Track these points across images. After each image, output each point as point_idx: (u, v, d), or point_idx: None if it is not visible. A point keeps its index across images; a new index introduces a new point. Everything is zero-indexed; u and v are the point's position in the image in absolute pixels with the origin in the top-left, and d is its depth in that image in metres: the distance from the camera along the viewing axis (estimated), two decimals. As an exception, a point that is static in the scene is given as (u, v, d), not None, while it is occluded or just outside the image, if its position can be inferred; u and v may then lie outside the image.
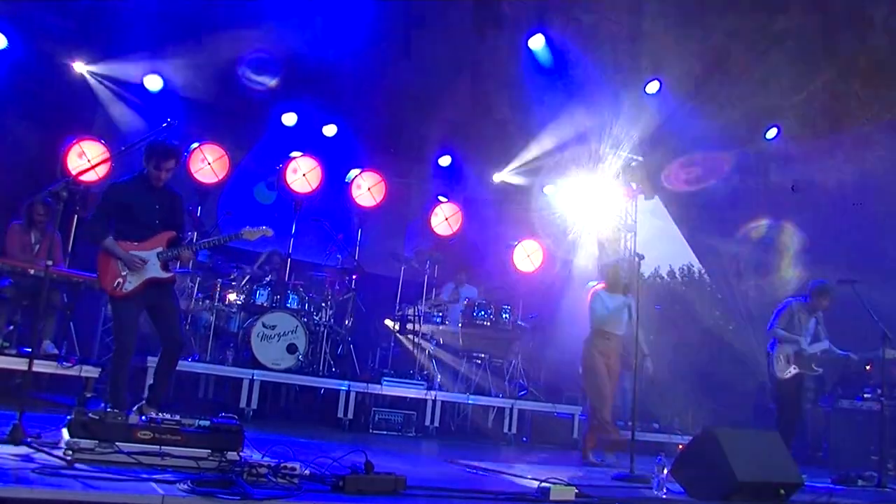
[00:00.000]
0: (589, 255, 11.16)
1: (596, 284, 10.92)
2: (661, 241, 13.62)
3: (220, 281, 8.06)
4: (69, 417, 3.30)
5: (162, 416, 3.52)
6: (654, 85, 9.88)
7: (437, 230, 10.37)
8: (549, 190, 11.80)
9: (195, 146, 8.66)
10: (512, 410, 8.60)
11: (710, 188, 11.30)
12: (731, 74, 9.30)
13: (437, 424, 8.05)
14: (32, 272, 6.16)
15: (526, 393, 9.29)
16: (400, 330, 9.10)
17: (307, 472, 3.39)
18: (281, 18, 8.58)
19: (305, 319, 7.97)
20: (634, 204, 13.06)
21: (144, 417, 3.50)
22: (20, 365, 5.81)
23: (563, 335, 10.72)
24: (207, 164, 8.67)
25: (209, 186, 8.80)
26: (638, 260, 6.24)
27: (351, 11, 8.48)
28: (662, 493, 4.40)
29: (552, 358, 10.52)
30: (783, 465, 4.63)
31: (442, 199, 10.67)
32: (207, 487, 2.83)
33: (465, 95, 10.02)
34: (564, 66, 9.41)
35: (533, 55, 9.23)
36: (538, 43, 9.09)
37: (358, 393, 7.74)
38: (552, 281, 10.89)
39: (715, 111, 10.13)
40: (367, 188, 9.83)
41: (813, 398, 9.60)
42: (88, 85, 8.99)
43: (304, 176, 9.30)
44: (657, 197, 12.83)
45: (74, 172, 7.62)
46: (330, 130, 10.34)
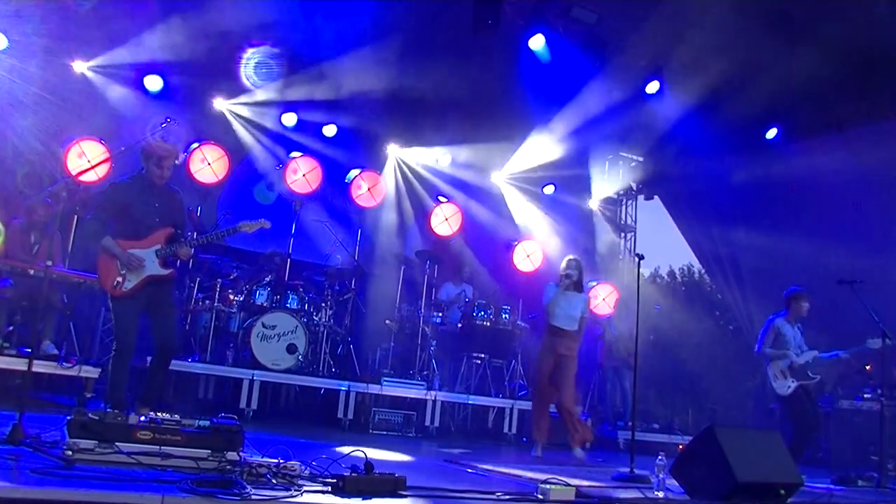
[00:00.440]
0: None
1: (595, 284, 10.98)
2: (661, 241, 13.63)
3: (220, 281, 8.05)
4: (69, 417, 3.30)
5: (162, 416, 3.52)
6: (654, 85, 9.88)
7: (437, 230, 10.37)
8: (548, 190, 11.82)
9: (195, 146, 8.65)
10: (512, 410, 8.61)
11: (710, 188, 11.31)
12: (731, 74, 9.29)
13: (437, 424, 8.05)
14: (32, 272, 6.16)
15: (526, 393, 9.29)
16: (399, 330, 9.11)
17: (307, 472, 3.39)
18: (282, 18, 8.59)
19: (305, 319, 7.97)
20: (634, 204, 13.09)
21: (144, 418, 3.50)
22: (20, 365, 5.81)
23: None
24: (207, 164, 8.66)
25: (209, 186, 8.80)
26: (638, 260, 6.24)
27: (351, 11, 8.49)
28: (662, 493, 4.40)
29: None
30: (783, 465, 4.63)
31: (442, 199, 10.68)
32: (207, 487, 2.83)
33: (465, 96, 10.02)
34: (564, 65, 9.41)
35: (533, 55, 9.22)
36: (538, 43, 9.09)
37: (358, 393, 7.74)
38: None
39: (715, 111, 10.14)
40: (366, 188, 9.83)
41: (813, 398, 9.62)
42: (88, 85, 8.99)
43: (304, 176, 9.30)
44: (657, 197, 12.85)
45: (74, 172, 7.61)
46: (330, 130, 10.36)
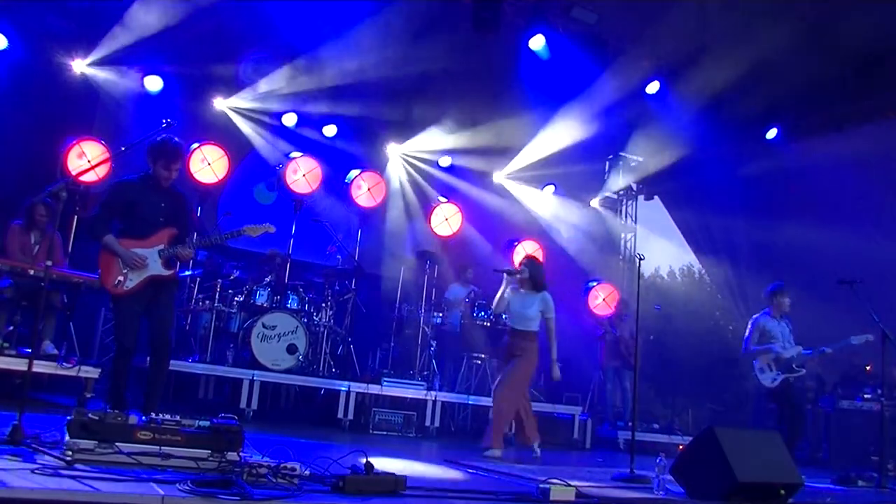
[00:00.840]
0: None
1: (595, 284, 10.97)
2: (661, 241, 13.64)
3: (220, 281, 8.05)
4: (69, 417, 3.30)
5: (162, 416, 3.52)
6: (654, 85, 9.89)
7: (437, 230, 10.36)
8: (548, 190, 11.82)
9: (195, 146, 8.66)
10: (512, 411, 8.58)
11: (710, 188, 11.31)
12: (731, 74, 9.29)
13: (437, 425, 8.04)
14: (32, 272, 6.16)
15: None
16: (399, 330, 9.11)
17: (307, 472, 3.39)
18: (283, 19, 8.60)
19: (305, 320, 7.97)
20: (634, 204, 13.09)
21: (144, 418, 3.50)
22: (20, 365, 5.80)
23: (562, 335, 10.73)
24: (207, 164, 8.66)
25: (209, 187, 8.80)
26: (638, 260, 6.23)
27: (351, 11, 8.50)
28: (662, 493, 4.40)
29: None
30: (783, 465, 4.63)
31: (442, 199, 10.68)
32: (207, 488, 2.83)
33: (465, 95, 10.03)
34: (564, 65, 9.41)
35: (534, 55, 9.23)
36: (538, 43, 9.09)
37: (358, 393, 7.73)
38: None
39: (715, 111, 10.15)
40: (367, 188, 9.83)
41: (813, 398, 9.62)
42: (88, 85, 8.99)
43: (304, 176, 9.30)
44: (657, 197, 12.85)
45: (74, 172, 7.61)
46: (330, 130, 10.36)
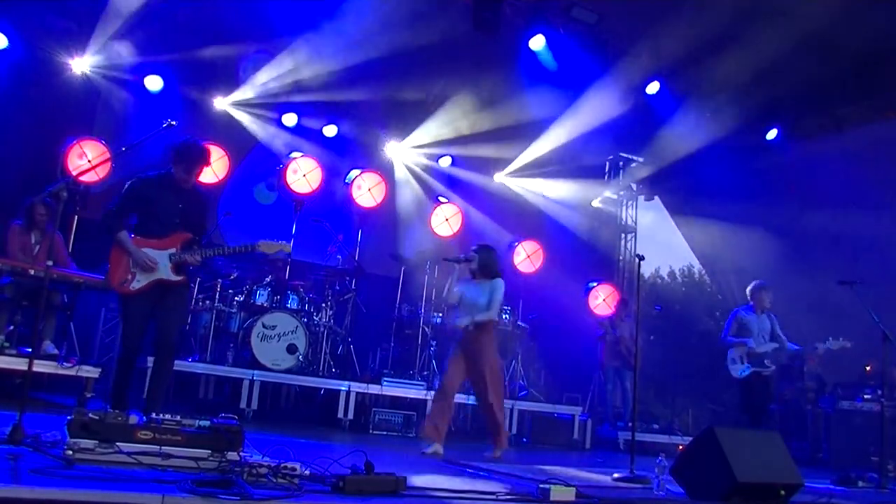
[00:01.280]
0: None
1: (595, 284, 10.96)
2: (661, 241, 13.63)
3: (220, 281, 8.05)
4: (69, 417, 3.30)
5: (162, 416, 3.52)
6: (654, 85, 9.89)
7: (437, 230, 10.37)
8: (548, 190, 11.82)
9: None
10: (512, 411, 8.59)
11: (710, 188, 11.31)
12: (731, 74, 9.29)
13: (437, 425, 8.03)
14: (33, 272, 6.16)
15: (526, 393, 9.30)
16: (399, 330, 9.11)
17: (307, 472, 3.39)
18: (283, 20, 8.61)
19: (305, 320, 7.97)
20: (634, 204, 13.09)
21: (144, 417, 3.50)
22: (20, 365, 5.80)
23: (563, 335, 10.74)
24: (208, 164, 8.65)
25: (209, 187, 8.79)
26: (638, 260, 6.23)
27: (351, 11, 8.50)
28: (662, 493, 4.40)
29: (552, 358, 10.54)
30: (783, 465, 4.62)
31: (442, 199, 10.68)
32: (207, 487, 2.83)
33: (465, 95, 10.04)
34: (565, 66, 9.42)
35: (534, 55, 9.23)
36: (539, 43, 9.10)
37: (358, 393, 7.74)
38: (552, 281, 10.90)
39: (716, 111, 10.15)
40: (367, 188, 9.83)
41: (813, 398, 9.62)
42: (88, 85, 9.00)
43: (304, 176, 9.30)
44: (657, 197, 12.85)
45: (74, 172, 7.61)
46: (330, 130, 10.36)
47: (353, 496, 3.14)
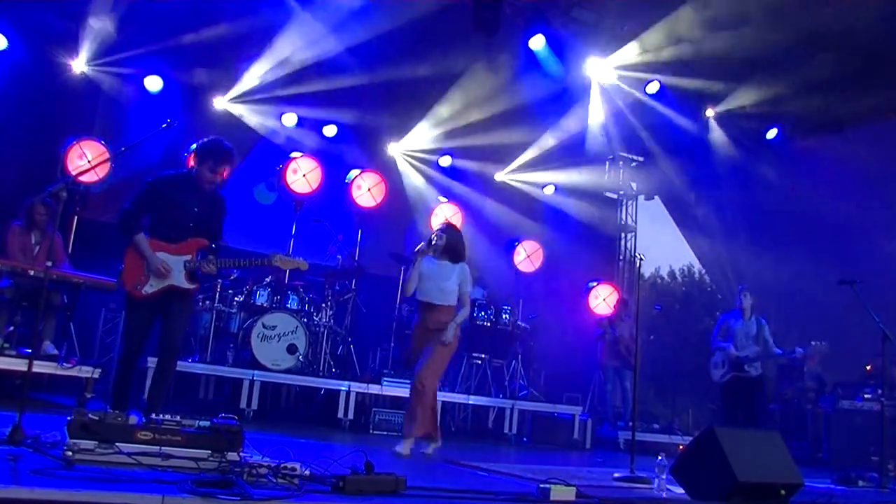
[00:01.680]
0: None
1: (595, 284, 10.96)
2: (661, 241, 13.64)
3: (220, 281, 8.05)
4: (69, 418, 3.30)
5: (162, 416, 3.52)
6: (654, 85, 9.89)
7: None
8: (548, 190, 11.82)
9: (195, 146, 8.65)
10: (512, 410, 8.60)
11: (710, 188, 11.32)
12: (731, 74, 9.30)
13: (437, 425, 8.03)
14: (32, 273, 6.16)
15: (526, 393, 9.29)
16: (399, 330, 9.10)
17: (307, 472, 3.38)
18: (282, 19, 8.61)
19: (305, 320, 7.97)
20: (634, 204, 13.09)
21: (144, 418, 3.50)
22: (20, 365, 5.80)
23: (563, 335, 10.75)
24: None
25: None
26: (638, 260, 6.23)
27: (351, 11, 8.50)
28: (662, 493, 4.40)
29: (552, 358, 10.54)
30: (783, 465, 4.62)
31: (442, 199, 10.67)
32: (207, 488, 2.83)
33: (465, 95, 10.04)
34: (565, 65, 9.42)
35: (533, 55, 9.23)
36: (538, 43, 9.09)
37: (358, 393, 7.73)
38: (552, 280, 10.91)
39: (716, 111, 10.16)
40: (367, 188, 9.83)
41: (813, 399, 9.62)
42: (88, 85, 8.99)
43: (304, 176, 9.30)
44: (657, 197, 12.86)
45: (74, 172, 7.61)
46: (330, 130, 10.36)
47: (353, 496, 3.14)
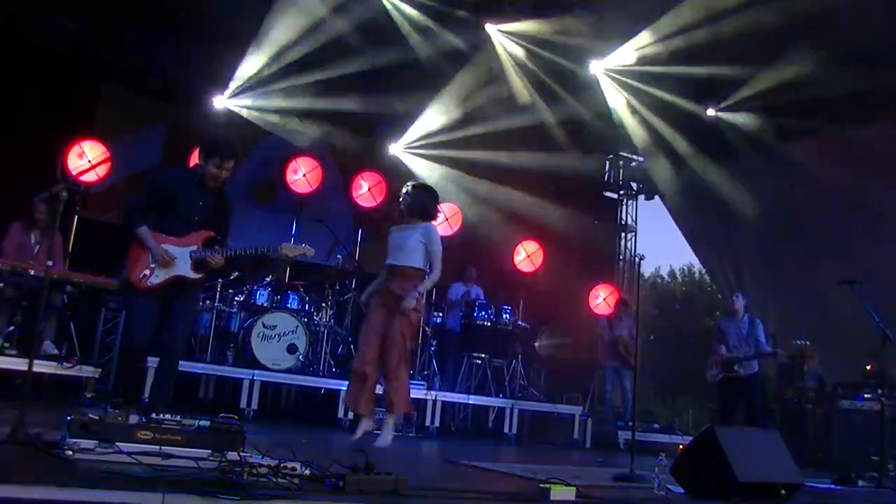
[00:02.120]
0: None
1: (595, 284, 10.90)
2: (661, 241, 13.64)
3: (220, 281, 8.05)
4: (69, 417, 3.30)
5: (162, 416, 3.52)
6: (654, 84, 9.88)
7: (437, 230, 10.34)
8: (549, 190, 11.81)
9: (196, 146, 8.66)
10: (512, 410, 8.60)
11: (710, 188, 11.31)
12: (731, 74, 9.30)
13: (437, 424, 8.04)
14: (33, 273, 6.16)
15: (526, 393, 9.30)
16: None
17: (307, 472, 3.39)
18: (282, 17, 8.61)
19: (306, 319, 7.97)
20: (634, 204, 13.10)
21: (144, 417, 3.50)
22: (20, 365, 5.80)
23: (563, 335, 10.75)
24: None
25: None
26: (638, 260, 6.23)
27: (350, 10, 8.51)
28: (663, 492, 4.40)
29: (552, 358, 10.55)
30: (783, 465, 4.63)
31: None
32: (207, 487, 2.83)
33: (464, 94, 10.03)
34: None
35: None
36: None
37: (358, 393, 7.72)
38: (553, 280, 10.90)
39: (715, 110, 10.16)
40: (367, 188, 9.84)
41: (813, 398, 9.62)
42: (90, 85, 9.00)
43: (304, 176, 9.30)
44: (657, 197, 12.86)
45: (74, 172, 7.61)
46: (330, 130, 10.35)
47: (353, 496, 3.14)
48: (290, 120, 9.99)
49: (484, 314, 9.08)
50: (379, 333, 5.36)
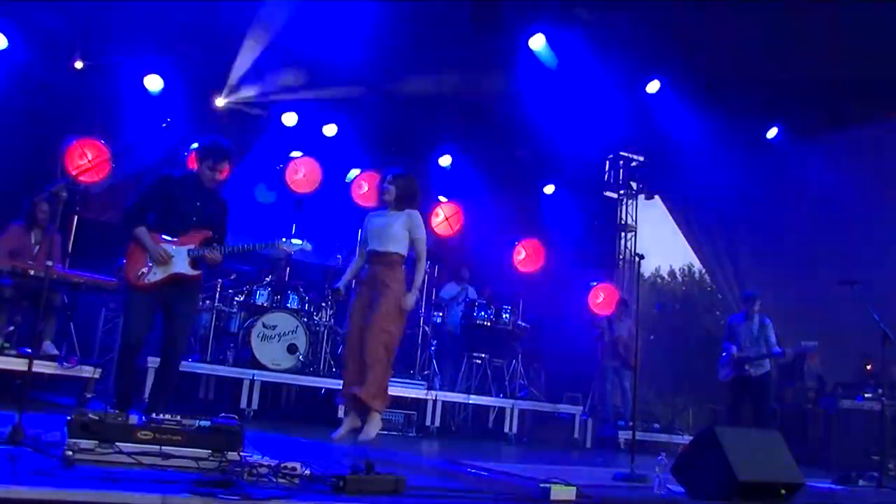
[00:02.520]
0: None
1: (595, 284, 10.95)
2: (661, 241, 13.65)
3: (220, 281, 8.05)
4: (69, 417, 3.30)
5: (162, 416, 3.52)
6: (654, 84, 9.88)
7: (437, 230, 10.35)
8: (548, 189, 11.81)
9: (195, 146, 8.64)
10: (512, 410, 8.60)
11: (710, 187, 11.31)
12: (732, 74, 9.29)
13: (437, 424, 8.04)
14: (33, 273, 6.16)
15: (526, 393, 9.29)
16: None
17: (307, 472, 3.38)
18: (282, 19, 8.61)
19: (306, 319, 7.97)
20: (634, 204, 13.09)
21: (144, 417, 3.50)
22: (20, 365, 5.80)
23: (563, 335, 10.74)
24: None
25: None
26: (638, 260, 6.23)
27: (351, 11, 8.49)
28: (663, 492, 4.40)
29: (552, 358, 10.54)
30: (784, 465, 4.62)
31: (442, 199, 10.66)
32: (207, 487, 2.83)
33: (466, 95, 10.03)
34: (565, 65, 9.41)
35: (534, 55, 9.23)
36: (539, 43, 9.09)
37: (358, 393, 7.71)
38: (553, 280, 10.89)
39: (716, 110, 10.14)
40: (367, 188, 9.82)
41: (813, 398, 9.63)
42: (89, 84, 8.98)
43: (304, 175, 9.30)
44: (657, 197, 12.86)
45: (75, 172, 7.61)
46: (330, 130, 10.35)
47: (353, 496, 3.14)
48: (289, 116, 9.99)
49: (484, 314, 9.08)
50: (360, 328, 5.25)
